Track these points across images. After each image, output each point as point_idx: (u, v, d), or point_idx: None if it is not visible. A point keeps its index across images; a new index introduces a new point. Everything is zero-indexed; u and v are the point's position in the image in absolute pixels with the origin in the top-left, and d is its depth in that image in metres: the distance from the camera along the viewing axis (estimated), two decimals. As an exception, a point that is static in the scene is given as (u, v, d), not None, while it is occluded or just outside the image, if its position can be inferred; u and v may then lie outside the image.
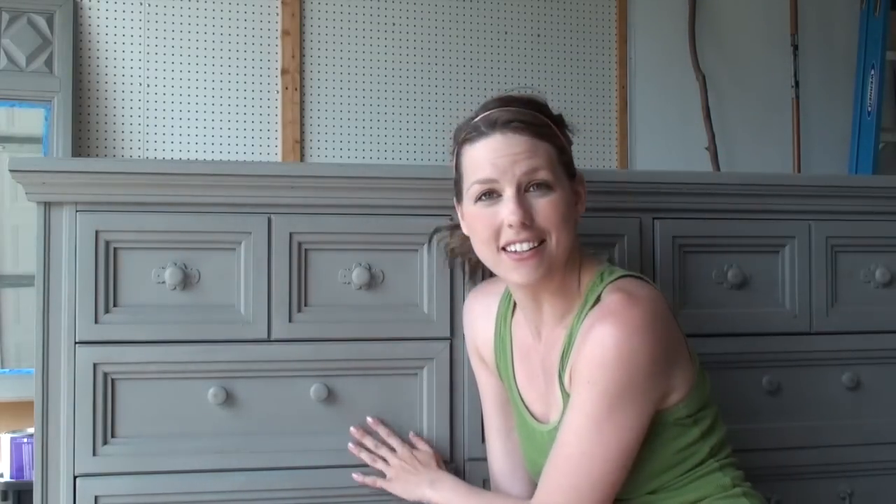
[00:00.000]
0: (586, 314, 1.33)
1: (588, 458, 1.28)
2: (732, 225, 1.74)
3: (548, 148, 1.32)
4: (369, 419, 1.58)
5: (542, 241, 1.31)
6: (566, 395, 1.34)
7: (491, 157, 1.31)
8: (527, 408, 1.44)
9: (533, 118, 1.33)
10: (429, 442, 1.59)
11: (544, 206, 1.31)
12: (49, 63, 2.72)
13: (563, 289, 1.37)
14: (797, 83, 3.30)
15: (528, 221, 1.30)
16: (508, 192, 1.30)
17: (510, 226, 1.30)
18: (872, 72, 3.27)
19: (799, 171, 3.28)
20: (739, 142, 3.31)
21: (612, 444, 1.28)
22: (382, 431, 1.57)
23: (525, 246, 1.31)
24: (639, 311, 1.28)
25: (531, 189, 1.31)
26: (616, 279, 1.35)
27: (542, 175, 1.30)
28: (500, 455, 1.54)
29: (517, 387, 1.46)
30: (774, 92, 3.35)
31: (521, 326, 1.47)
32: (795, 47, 3.31)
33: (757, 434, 1.72)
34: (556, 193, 1.31)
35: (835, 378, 1.78)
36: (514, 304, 1.48)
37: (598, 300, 1.33)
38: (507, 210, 1.30)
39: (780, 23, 3.35)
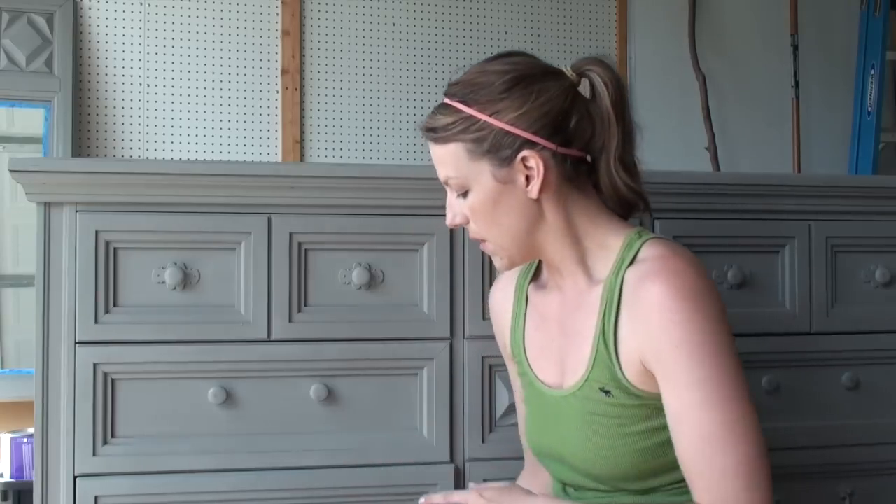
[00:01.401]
0: (625, 271, 1.25)
1: (730, 416, 1.16)
2: (732, 225, 1.74)
3: (455, 149, 1.27)
4: (422, 500, 1.30)
5: (482, 239, 1.33)
6: (606, 364, 1.25)
7: None
8: (537, 377, 1.37)
9: (438, 121, 1.29)
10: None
11: (466, 211, 1.31)
12: (49, 63, 2.72)
13: (577, 251, 1.31)
14: (797, 83, 3.30)
15: (457, 223, 1.32)
16: (448, 194, 1.34)
17: None
18: (872, 72, 3.27)
19: (799, 171, 3.28)
20: (739, 142, 3.31)
21: (738, 389, 1.17)
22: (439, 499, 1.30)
23: (472, 238, 1.34)
24: (686, 258, 1.23)
25: (455, 191, 1.31)
26: (652, 238, 1.29)
27: (453, 182, 1.30)
28: (534, 459, 1.47)
29: (527, 358, 1.39)
30: (774, 92, 3.34)
31: (539, 292, 1.40)
32: (795, 47, 3.31)
33: (757, 434, 1.72)
34: (472, 195, 1.28)
35: (835, 378, 1.78)
36: (535, 271, 1.42)
37: (634, 258, 1.26)
38: None
39: (780, 23, 3.35)
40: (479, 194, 1.28)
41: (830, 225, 1.79)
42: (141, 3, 2.83)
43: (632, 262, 1.26)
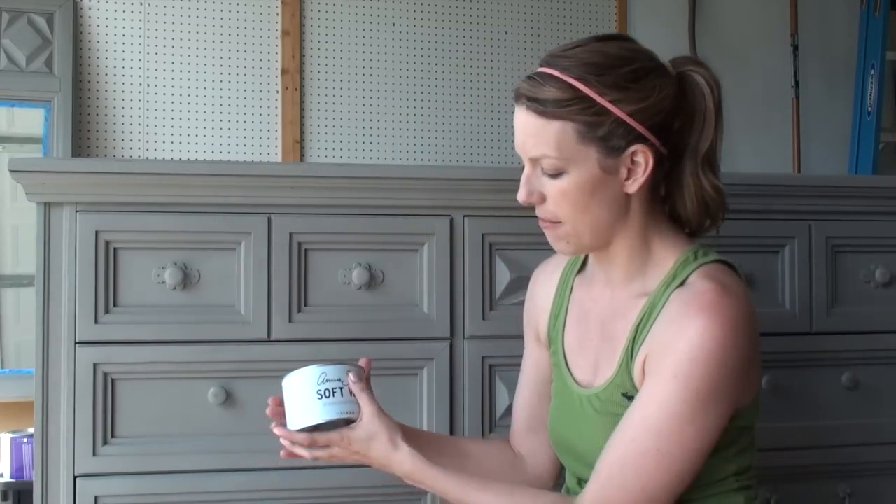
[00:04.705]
0: (673, 291, 1.23)
1: (666, 457, 1.18)
2: (732, 225, 1.74)
3: (561, 128, 1.19)
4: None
5: (557, 221, 1.26)
6: (627, 369, 1.25)
7: (516, 130, 1.24)
8: (570, 372, 1.35)
9: (547, 93, 1.19)
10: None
11: (551, 192, 1.23)
12: (49, 63, 2.71)
13: (640, 257, 1.28)
14: (797, 83, 3.30)
15: (533, 201, 1.25)
16: (525, 168, 1.25)
17: None
18: (872, 72, 3.27)
19: (799, 171, 3.28)
20: (739, 142, 3.31)
21: (692, 445, 1.18)
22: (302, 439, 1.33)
23: (542, 217, 1.27)
24: (734, 305, 1.19)
25: (543, 169, 1.23)
26: (710, 262, 1.26)
27: (547, 162, 1.21)
28: (521, 429, 1.46)
29: (564, 351, 1.37)
30: (774, 92, 3.34)
31: (584, 285, 1.37)
32: (795, 47, 3.31)
33: (757, 434, 1.71)
34: (568, 177, 1.21)
35: (834, 378, 1.78)
36: (583, 263, 1.39)
37: (686, 280, 1.24)
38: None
39: (780, 23, 3.35)
40: (577, 179, 1.21)
41: (830, 225, 1.79)
42: (141, 3, 2.83)
43: (682, 283, 1.24)
